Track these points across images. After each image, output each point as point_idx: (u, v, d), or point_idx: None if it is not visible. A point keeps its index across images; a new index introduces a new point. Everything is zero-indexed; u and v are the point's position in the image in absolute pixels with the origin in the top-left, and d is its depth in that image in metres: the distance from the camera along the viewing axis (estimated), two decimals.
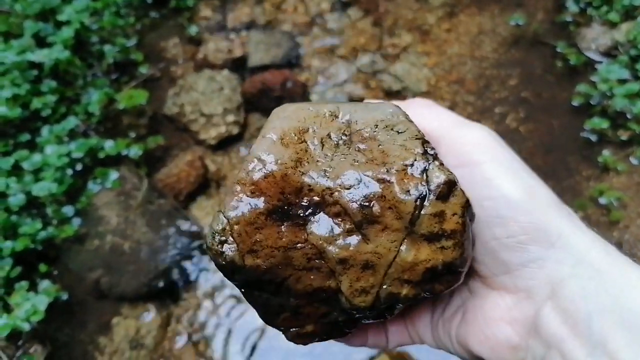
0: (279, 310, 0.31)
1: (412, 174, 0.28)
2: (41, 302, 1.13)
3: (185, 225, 1.37)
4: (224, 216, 0.29)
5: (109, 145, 1.40)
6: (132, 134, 1.51)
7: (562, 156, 1.41)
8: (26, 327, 1.11)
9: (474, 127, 0.33)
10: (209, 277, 1.34)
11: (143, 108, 1.54)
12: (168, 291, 1.30)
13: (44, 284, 1.20)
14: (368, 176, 0.29)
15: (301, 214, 0.29)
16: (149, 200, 1.38)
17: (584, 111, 1.46)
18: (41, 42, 1.55)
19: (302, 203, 0.29)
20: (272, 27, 1.83)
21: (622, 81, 1.40)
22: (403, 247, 0.29)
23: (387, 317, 0.32)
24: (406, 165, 0.29)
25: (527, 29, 1.68)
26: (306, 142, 0.30)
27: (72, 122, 1.41)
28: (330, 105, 0.32)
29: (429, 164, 0.29)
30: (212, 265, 1.36)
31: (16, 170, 1.31)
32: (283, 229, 0.29)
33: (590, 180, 1.34)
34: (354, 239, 0.29)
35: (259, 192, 0.29)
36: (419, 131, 0.30)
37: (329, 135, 0.30)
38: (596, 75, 1.46)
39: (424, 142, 0.30)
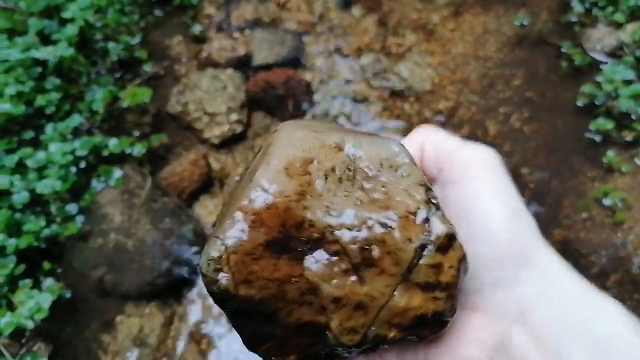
0: (264, 339, 0.31)
1: (414, 221, 0.29)
2: (45, 300, 1.13)
3: (188, 224, 1.37)
4: (222, 244, 0.29)
5: (113, 144, 1.40)
6: (136, 132, 1.51)
7: (566, 156, 1.40)
8: (30, 325, 1.11)
9: (478, 148, 0.34)
10: None
11: (147, 106, 1.54)
12: (171, 290, 1.30)
13: (48, 281, 1.20)
14: (371, 219, 0.29)
15: (299, 249, 0.29)
16: (153, 199, 1.38)
17: (588, 112, 1.45)
18: (45, 39, 1.55)
19: (302, 238, 0.29)
20: (276, 25, 1.82)
21: (628, 82, 1.39)
22: (397, 293, 0.29)
23: (368, 354, 0.32)
24: (409, 213, 0.29)
25: (532, 29, 1.68)
26: (310, 175, 0.30)
27: (76, 119, 1.41)
28: (336, 135, 0.32)
29: (432, 213, 0.29)
30: None
31: (20, 168, 1.31)
32: (280, 262, 0.29)
33: (595, 181, 1.34)
34: (349, 279, 0.29)
35: (259, 223, 0.29)
36: (423, 177, 0.31)
37: (333, 169, 0.30)
38: (601, 75, 1.46)
39: (427, 189, 0.30)
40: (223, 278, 0.28)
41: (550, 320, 0.28)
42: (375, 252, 0.29)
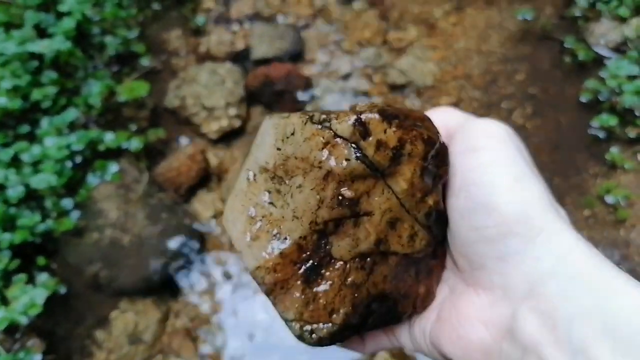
0: None
1: (333, 147, 0.29)
2: (39, 295, 1.12)
3: (185, 220, 1.36)
4: (295, 322, 0.30)
5: (109, 138, 1.39)
6: (133, 127, 1.49)
7: (569, 153, 1.38)
8: (24, 320, 1.10)
9: (488, 120, 0.32)
10: (209, 272, 1.33)
11: (144, 100, 1.53)
12: (167, 286, 1.28)
13: (42, 277, 1.19)
14: (318, 183, 0.29)
15: (322, 249, 0.30)
16: (149, 194, 1.36)
17: (592, 107, 1.43)
18: (42, 32, 1.53)
19: (318, 245, 0.30)
20: (275, 19, 1.80)
21: (632, 77, 1.37)
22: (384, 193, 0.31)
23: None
24: (324, 147, 0.29)
25: (535, 24, 1.65)
26: (263, 218, 0.31)
27: (72, 114, 1.39)
28: (242, 176, 0.34)
29: (328, 126, 0.29)
30: (212, 261, 1.34)
31: (15, 162, 1.30)
32: (326, 275, 0.30)
33: (598, 178, 1.32)
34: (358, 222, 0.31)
35: (284, 282, 0.30)
36: (305, 117, 0.31)
37: (267, 195, 0.31)
38: (605, 71, 1.43)
39: (314, 122, 0.30)
40: (321, 331, 0.30)
41: (561, 298, 0.26)
42: (349, 193, 0.29)
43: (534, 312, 0.27)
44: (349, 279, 0.30)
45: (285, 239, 0.29)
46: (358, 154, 0.29)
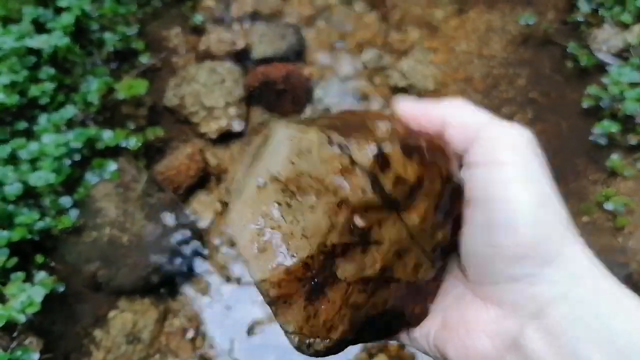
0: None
1: (349, 174, 0.29)
2: (37, 293, 1.12)
3: (184, 220, 1.35)
4: (292, 333, 0.30)
5: (108, 136, 1.38)
6: (131, 125, 1.48)
7: (569, 159, 1.38)
8: (22, 318, 1.09)
9: (509, 126, 0.31)
10: (207, 272, 1.32)
11: (143, 98, 1.51)
12: (165, 285, 1.28)
13: (40, 275, 1.18)
14: (331, 208, 0.29)
15: (326, 270, 0.30)
16: (148, 193, 1.36)
17: (593, 113, 1.43)
18: (40, 28, 1.51)
19: (324, 265, 0.30)
20: (276, 19, 1.79)
21: (634, 84, 1.37)
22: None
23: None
24: (340, 173, 0.29)
25: (537, 28, 1.65)
26: (272, 230, 0.31)
27: (70, 111, 1.38)
28: (250, 181, 0.32)
29: (347, 153, 0.29)
30: (210, 261, 1.34)
31: (13, 159, 1.29)
32: (329, 294, 0.30)
33: (597, 185, 1.32)
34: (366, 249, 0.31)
35: (288, 297, 0.30)
36: (323, 136, 0.30)
37: (277, 207, 0.31)
38: (607, 77, 1.44)
39: (331, 143, 0.29)
40: (318, 345, 0.31)
41: (569, 320, 0.26)
42: (361, 223, 0.29)
43: (541, 332, 0.27)
44: (351, 300, 0.30)
45: (293, 256, 0.29)
46: (375, 187, 0.29)
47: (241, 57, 1.68)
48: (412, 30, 1.73)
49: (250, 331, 1.25)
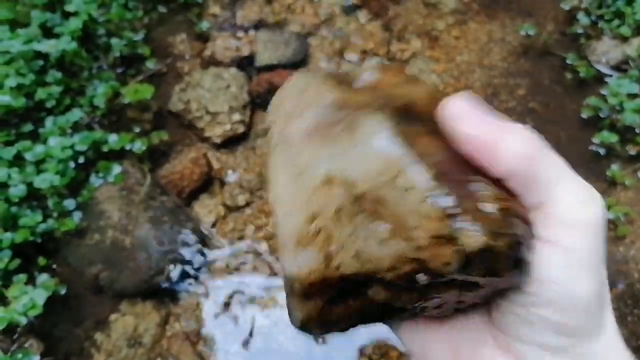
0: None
1: (442, 244, 0.25)
2: (39, 296, 1.12)
3: (187, 224, 1.36)
4: (299, 321, 0.30)
5: (113, 139, 1.39)
6: (137, 129, 1.49)
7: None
8: (23, 321, 1.09)
9: (585, 198, 0.27)
10: (209, 276, 1.32)
11: (148, 103, 1.53)
12: (168, 289, 1.28)
13: (43, 277, 1.18)
14: (402, 255, 0.26)
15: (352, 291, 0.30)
16: (152, 197, 1.36)
17: (592, 124, 1.45)
18: (48, 32, 1.53)
19: (360, 284, 0.29)
20: (281, 27, 1.82)
21: (633, 96, 1.39)
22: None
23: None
24: (433, 237, 0.25)
25: (537, 40, 1.68)
26: (322, 231, 0.28)
27: (76, 114, 1.39)
28: (314, 165, 0.29)
29: (455, 229, 0.25)
30: (213, 266, 1.34)
31: (18, 161, 1.29)
32: (350, 301, 0.30)
33: None
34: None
35: (311, 295, 0.29)
36: (429, 177, 0.26)
37: (337, 212, 0.27)
38: (606, 88, 1.46)
39: (437, 196, 0.25)
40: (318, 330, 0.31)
41: None
42: (422, 278, 0.26)
43: None
44: (366, 311, 0.30)
45: (337, 268, 0.27)
46: (462, 271, 0.26)
47: (245, 63, 1.70)
48: (413, 40, 1.76)
49: (252, 335, 1.24)
